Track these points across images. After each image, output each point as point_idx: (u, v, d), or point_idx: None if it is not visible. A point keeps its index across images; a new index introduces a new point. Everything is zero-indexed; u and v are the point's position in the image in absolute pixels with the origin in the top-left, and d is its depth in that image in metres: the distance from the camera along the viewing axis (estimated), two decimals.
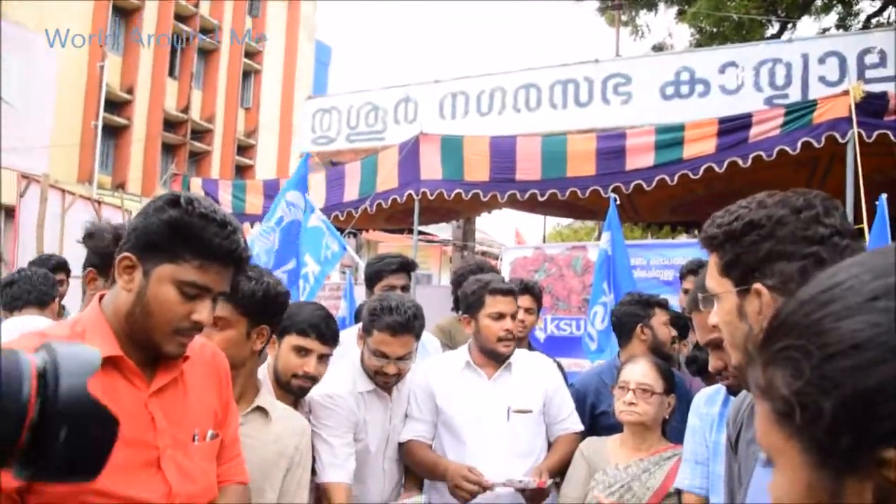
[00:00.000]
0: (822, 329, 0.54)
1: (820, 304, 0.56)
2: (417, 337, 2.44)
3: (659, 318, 3.08)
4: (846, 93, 4.49)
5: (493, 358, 2.62)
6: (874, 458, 0.50)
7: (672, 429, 2.52)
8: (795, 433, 0.55)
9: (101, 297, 1.43)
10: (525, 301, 3.35)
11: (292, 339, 2.18)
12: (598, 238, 12.97)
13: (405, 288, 3.36)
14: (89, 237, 2.29)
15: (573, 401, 2.78)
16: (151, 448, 1.34)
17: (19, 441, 0.58)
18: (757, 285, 1.11)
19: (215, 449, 1.51)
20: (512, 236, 22.81)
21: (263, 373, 2.24)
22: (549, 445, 2.66)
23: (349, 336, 2.77)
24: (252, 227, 7.92)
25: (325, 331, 2.20)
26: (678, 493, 2.28)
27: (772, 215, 1.12)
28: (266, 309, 1.93)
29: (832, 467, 0.53)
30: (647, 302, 3.14)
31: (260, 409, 1.93)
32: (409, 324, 2.35)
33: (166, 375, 1.40)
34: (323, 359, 2.22)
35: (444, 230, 15.39)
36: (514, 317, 2.59)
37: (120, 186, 17.59)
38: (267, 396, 1.98)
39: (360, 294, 5.08)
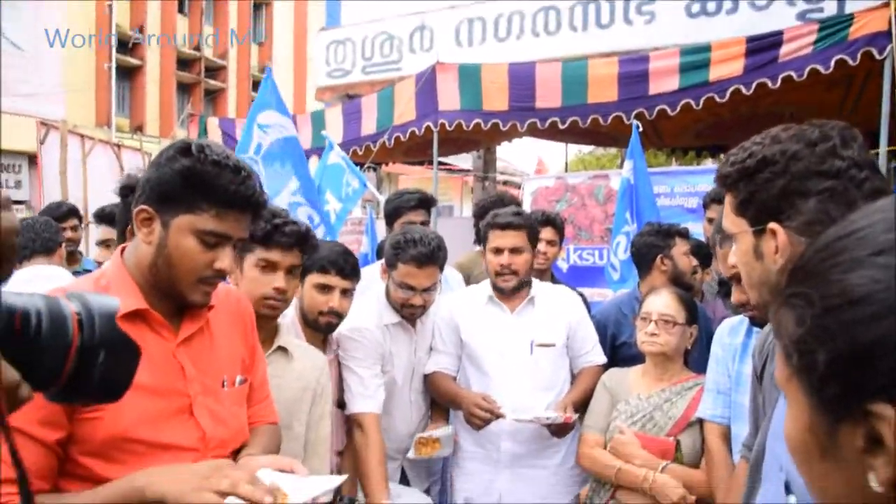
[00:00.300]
0: (828, 279, 0.55)
1: (832, 253, 0.56)
2: (441, 268, 2.49)
3: (679, 249, 3.04)
4: (887, 4, 4.24)
5: (499, 291, 2.63)
6: (863, 410, 0.51)
7: (694, 359, 2.53)
8: (795, 375, 0.58)
9: (122, 250, 1.44)
10: (547, 233, 3.33)
11: (314, 278, 2.22)
12: (622, 165, 12.79)
13: (424, 223, 3.35)
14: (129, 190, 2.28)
15: None
16: (183, 396, 1.37)
17: (65, 368, 0.71)
18: (772, 225, 1.08)
19: (244, 393, 1.54)
20: (534, 164, 22.55)
21: (291, 314, 2.28)
22: (573, 378, 2.68)
23: (372, 272, 2.79)
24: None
25: (344, 266, 2.22)
26: (700, 422, 2.30)
27: (786, 150, 1.08)
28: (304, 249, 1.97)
29: (827, 411, 0.55)
30: (666, 232, 3.09)
31: (281, 348, 1.97)
32: (434, 255, 2.39)
33: (192, 325, 1.42)
34: (346, 294, 2.24)
35: (464, 160, 15.25)
36: (514, 251, 2.55)
37: (138, 129, 17.60)
38: (286, 336, 2.01)
39: (382, 229, 5.09)
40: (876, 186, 1.07)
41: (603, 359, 2.71)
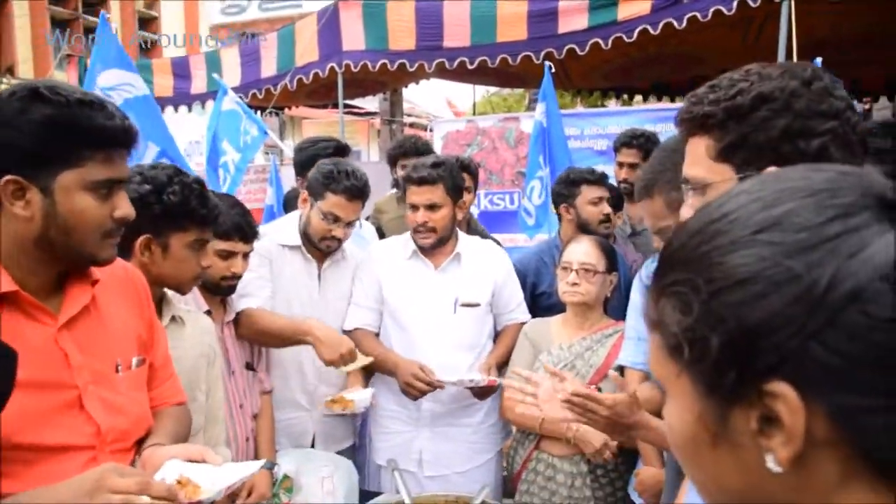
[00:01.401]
0: (709, 263, 0.54)
1: (707, 237, 0.55)
2: (364, 205, 2.44)
3: (584, 197, 2.99)
4: None
5: (420, 247, 2.54)
6: (758, 390, 0.51)
7: (612, 306, 2.54)
8: (685, 367, 0.56)
9: None
10: None
11: (216, 245, 2.08)
12: (529, 106, 12.76)
13: None
14: None
15: None
16: (69, 388, 1.20)
17: None
18: (771, 168, 0.95)
19: (144, 375, 1.39)
20: (443, 106, 22.31)
21: None
22: (496, 335, 2.65)
23: (284, 225, 2.63)
24: (163, 111, 7.37)
25: (247, 230, 2.17)
26: (621, 369, 2.32)
27: (784, 87, 0.97)
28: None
29: (719, 397, 0.54)
30: (572, 181, 3.04)
31: (174, 318, 1.83)
32: (365, 189, 2.41)
33: (75, 304, 1.24)
34: (246, 256, 2.20)
35: (370, 103, 14.83)
36: (430, 207, 2.45)
37: (9, 71, 15.96)
38: (175, 304, 1.87)
39: (287, 178, 4.84)
40: (865, 129, 1.01)
41: (527, 316, 2.66)
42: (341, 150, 3.31)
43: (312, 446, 2.51)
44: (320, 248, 2.46)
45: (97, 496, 1.02)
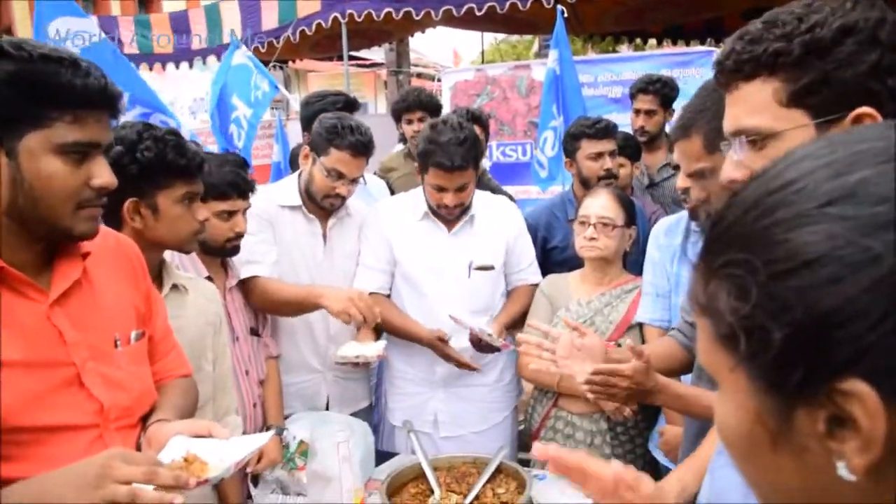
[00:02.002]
0: (770, 241, 0.47)
1: (767, 210, 0.48)
2: (368, 161, 2.41)
3: (583, 152, 2.83)
4: None
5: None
6: (829, 389, 0.44)
7: (631, 261, 2.46)
8: (741, 360, 0.49)
9: None
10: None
11: (214, 206, 2.01)
12: (540, 53, 12.40)
13: None
14: None
15: None
16: (66, 365, 1.14)
17: None
18: (866, 109, 0.84)
19: (144, 348, 1.33)
20: (449, 56, 21.86)
21: None
22: (508, 294, 2.57)
23: (282, 185, 2.54)
24: (164, 68, 7.21)
25: (244, 186, 2.10)
26: (640, 325, 2.26)
27: (868, 17, 0.85)
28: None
29: (782, 395, 0.47)
30: (572, 134, 2.89)
31: (175, 286, 1.76)
32: (369, 146, 2.33)
33: (66, 278, 1.17)
34: (245, 211, 2.13)
35: (376, 54, 14.53)
36: (460, 189, 2.32)
37: (7, 31, 15.69)
38: (175, 272, 1.81)
39: (293, 133, 4.73)
40: None
41: (538, 278, 2.57)
42: (350, 104, 3.19)
43: (327, 409, 2.47)
44: (323, 206, 2.38)
45: (102, 487, 0.96)
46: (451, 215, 2.38)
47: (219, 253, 2.12)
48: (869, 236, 0.43)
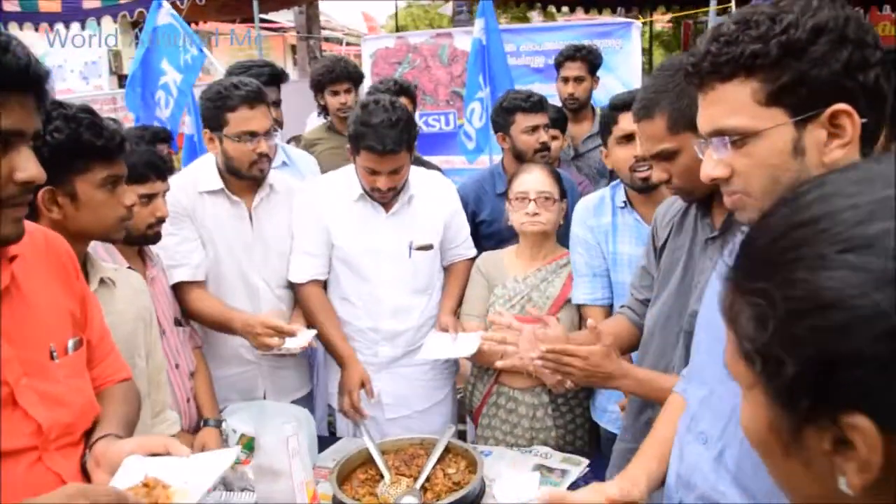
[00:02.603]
0: (792, 277, 0.50)
1: (793, 244, 0.51)
2: (269, 108, 2.29)
3: (518, 125, 2.82)
4: None
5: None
6: (833, 418, 0.49)
7: (561, 233, 2.46)
8: (758, 377, 0.54)
9: None
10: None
11: (132, 190, 1.84)
12: (453, 18, 12.27)
13: (275, 104, 2.93)
14: None
15: None
16: None
17: None
18: (842, 105, 0.87)
19: (83, 357, 1.22)
20: (359, 20, 21.29)
21: None
22: (445, 270, 2.54)
23: (197, 170, 2.38)
24: (52, 28, 6.64)
25: (162, 166, 1.96)
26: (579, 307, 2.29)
27: (836, 16, 0.87)
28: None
29: (793, 415, 0.52)
30: (505, 108, 2.87)
31: (102, 281, 1.64)
32: (260, 90, 2.23)
33: None
34: (164, 194, 2.00)
35: (284, 16, 13.96)
36: (394, 171, 2.22)
37: None
38: (101, 264, 1.68)
39: None
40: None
41: (472, 251, 2.55)
42: (277, 76, 3.01)
43: (264, 398, 2.39)
44: (253, 175, 2.24)
45: None
46: (384, 198, 2.31)
47: (141, 241, 1.98)
48: (879, 290, 0.46)
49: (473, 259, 2.52)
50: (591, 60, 3.61)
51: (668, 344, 1.59)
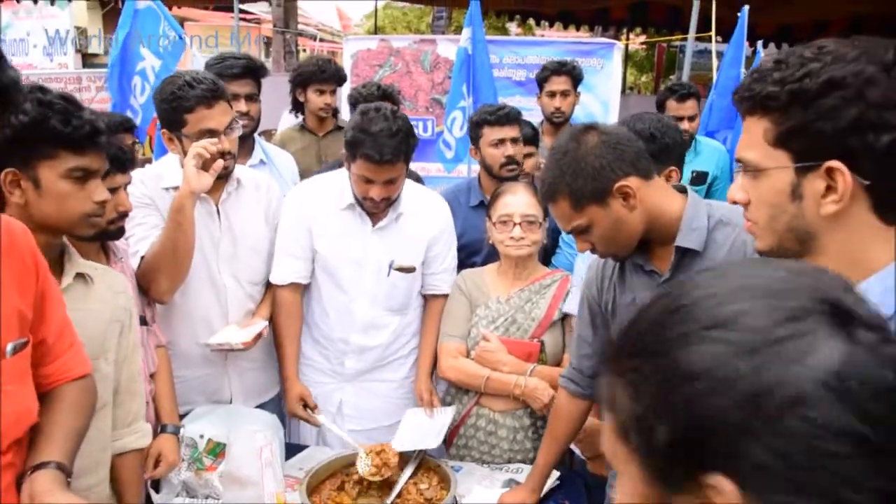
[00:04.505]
0: (662, 354, 0.56)
1: (664, 326, 0.58)
2: (229, 103, 2.18)
3: (485, 139, 2.80)
4: None
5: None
6: (699, 482, 0.53)
7: (541, 251, 2.44)
8: (633, 452, 0.58)
9: None
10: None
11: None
12: (432, 24, 12.25)
13: (251, 98, 2.84)
14: None
15: None
16: None
17: None
18: (834, 163, 0.88)
19: (26, 360, 1.17)
20: (333, 17, 21.14)
21: None
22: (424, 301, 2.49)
23: (162, 167, 2.30)
24: (18, 1, 6.39)
25: (125, 158, 1.85)
26: (560, 319, 2.28)
27: (859, 72, 0.86)
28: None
29: (663, 485, 0.57)
30: (475, 121, 2.86)
31: (80, 276, 1.57)
32: (218, 84, 2.12)
33: None
34: (126, 187, 1.89)
35: (260, 7, 13.78)
36: (389, 182, 2.16)
37: None
38: (80, 258, 1.61)
39: None
40: None
41: (447, 289, 2.44)
42: (253, 70, 2.90)
43: (230, 402, 2.32)
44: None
45: None
46: (375, 209, 2.26)
47: (103, 236, 1.85)
48: (740, 358, 0.52)
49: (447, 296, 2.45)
50: (574, 76, 3.64)
51: None
